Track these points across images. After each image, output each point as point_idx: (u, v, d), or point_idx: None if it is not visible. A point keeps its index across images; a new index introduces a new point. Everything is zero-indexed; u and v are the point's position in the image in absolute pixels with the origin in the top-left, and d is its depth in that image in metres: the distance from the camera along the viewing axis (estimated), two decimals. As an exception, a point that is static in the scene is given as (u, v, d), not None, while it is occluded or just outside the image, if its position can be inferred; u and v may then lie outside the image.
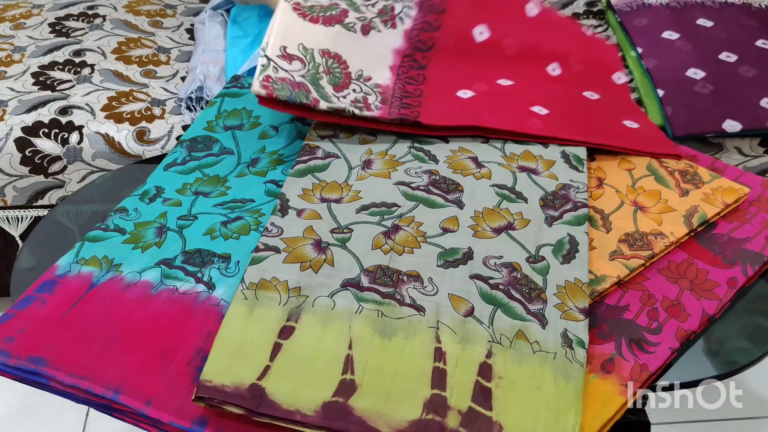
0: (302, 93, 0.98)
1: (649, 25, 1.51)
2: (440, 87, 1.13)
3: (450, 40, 1.21)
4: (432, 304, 0.79)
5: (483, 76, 1.18)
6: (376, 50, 1.13)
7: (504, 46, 1.22)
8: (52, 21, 1.62)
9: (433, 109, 1.07)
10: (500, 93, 1.15)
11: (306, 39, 1.06)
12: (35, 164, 1.35)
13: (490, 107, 1.09)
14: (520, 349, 0.76)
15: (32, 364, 0.75)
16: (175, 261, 0.86)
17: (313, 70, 1.02)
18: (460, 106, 1.10)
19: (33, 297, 0.82)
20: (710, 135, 1.35)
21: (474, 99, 1.12)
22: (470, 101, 1.11)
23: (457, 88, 1.14)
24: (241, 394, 0.69)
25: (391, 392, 0.70)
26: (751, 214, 0.97)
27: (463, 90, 1.14)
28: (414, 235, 0.87)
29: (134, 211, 0.95)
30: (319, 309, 0.78)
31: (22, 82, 1.43)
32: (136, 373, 0.74)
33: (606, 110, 1.16)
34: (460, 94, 1.13)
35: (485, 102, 1.11)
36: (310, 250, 0.84)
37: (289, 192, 0.93)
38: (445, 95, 1.12)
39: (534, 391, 0.72)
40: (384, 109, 1.04)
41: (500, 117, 1.06)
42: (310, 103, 0.98)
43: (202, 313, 0.80)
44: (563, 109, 1.12)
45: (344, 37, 1.10)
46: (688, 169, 1.02)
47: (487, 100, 1.12)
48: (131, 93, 1.43)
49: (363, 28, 1.14)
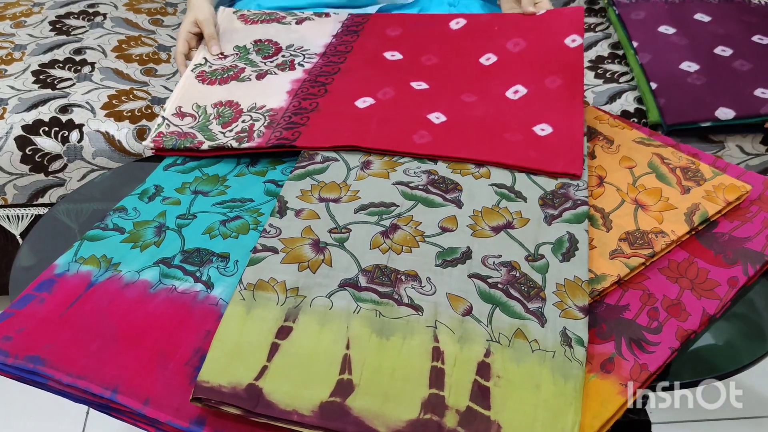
0: (188, 140, 1.06)
1: (646, 18, 1.51)
2: (339, 98, 1.10)
3: (360, 58, 1.20)
4: (430, 303, 0.79)
5: (395, 80, 1.14)
6: (273, 84, 1.16)
7: (423, 59, 1.19)
8: (53, 19, 1.62)
9: (317, 127, 1.04)
10: (403, 100, 1.10)
11: (200, 98, 1.14)
12: (35, 162, 1.35)
13: (381, 120, 1.06)
14: (518, 348, 0.75)
15: (30, 364, 0.75)
16: (173, 260, 0.86)
17: (203, 120, 1.10)
18: (350, 120, 1.06)
19: (31, 296, 0.82)
20: (704, 124, 1.34)
21: (369, 109, 1.08)
22: (364, 112, 1.08)
23: (357, 97, 1.11)
24: (239, 395, 0.69)
25: (388, 392, 0.70)
26: (752, 213, 0.96)
27: (363, 98, 1.10)
28: (412, 234, 0.87)
29: (133, 210, 0.95)
30: (316, 309, 0.77)
31: (23, 80, 1.43)
32: (134, 372, 0.74)
33: (520, 114, 1.08)
34: (358, 103, 1.10)
35: (379, 113, 1.07)
36: (308, 250, 0.84)
37: (288, 194, 0.93)
38: (340, 106, 1.09)
39: (533, 390, 0.72)
40: (266, 135, 1.04)
41: (385, 134, 1.03)
42: (194, 146, 1.05)
43: (201, 312, 0.80)
44: (463, 116, 1.07)
45: (239, 87, 1.16)
46: (690, 166, 1.01)
47: (382, 111, 1.08)
48: (131, 91, 1.43)
49: (258, 76, 1.18)
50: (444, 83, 1.13)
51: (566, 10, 1.21)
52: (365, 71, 1.17)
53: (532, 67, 1.13)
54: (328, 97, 1.11)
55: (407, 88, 1.12)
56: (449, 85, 1.13)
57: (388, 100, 1.10)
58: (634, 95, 1.41)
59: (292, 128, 1.04)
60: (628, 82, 1.44)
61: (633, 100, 1.40)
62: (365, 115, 1.07)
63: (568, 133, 1.03)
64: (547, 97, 1.09)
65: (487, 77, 1.14)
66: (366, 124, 1.05)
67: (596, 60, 1.52)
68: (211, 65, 1.21)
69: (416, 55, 1.19)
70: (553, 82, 1.11)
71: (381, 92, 1.11)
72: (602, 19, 1.65)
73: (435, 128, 1.04)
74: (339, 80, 1.15)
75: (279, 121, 1.07)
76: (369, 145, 1.01)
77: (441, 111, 1.07)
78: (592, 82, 1.46)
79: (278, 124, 1.06)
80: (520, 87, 1.11)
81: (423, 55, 1.19)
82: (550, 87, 1.11)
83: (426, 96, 1.11)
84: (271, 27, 1.28)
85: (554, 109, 1.07)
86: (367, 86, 1.13)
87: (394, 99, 1.10)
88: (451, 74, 1.15)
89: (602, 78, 1.47)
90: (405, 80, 1.14)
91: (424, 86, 1.13)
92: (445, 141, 1.02)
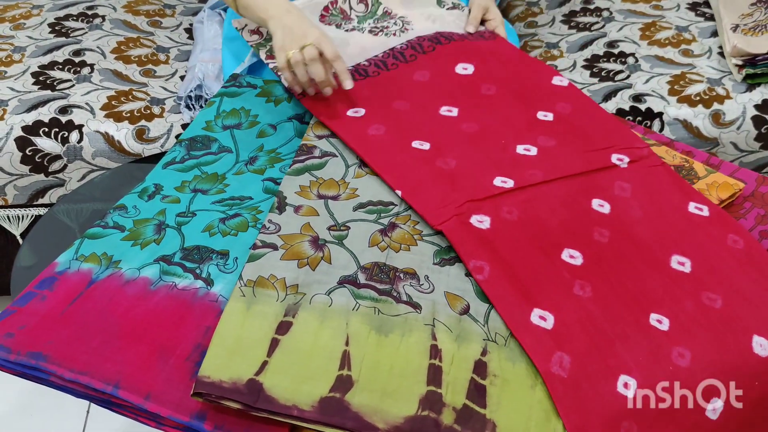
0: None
1: None
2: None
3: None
4: (428, 301, 0.80)
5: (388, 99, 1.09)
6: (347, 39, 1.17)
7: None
8: (52, 21, 1.63)
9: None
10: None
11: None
12: (35, 163, 1.36)
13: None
14: (514, 348, 0.76)
15: (32, 360, 0.76)
16: (173, 257, 0.87)
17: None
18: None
19: (33, 293, 0.83)
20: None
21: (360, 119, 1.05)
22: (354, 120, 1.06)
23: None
24: (239, 390, 0.70)
25: (387, 388, 0.71)
26: (745, 209, 0.98)
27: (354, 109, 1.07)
28: (410, 233, 0.88)
29: (133, 209, 0.95)
30: (316, 306, 0.78)
31: (22, 81, 1.43)
32: (135, 368, 0.75)
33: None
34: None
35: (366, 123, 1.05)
36: (307, 247, 0.85)
37: (287, 190, 0.93)
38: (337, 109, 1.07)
39: (527, 391, 0.73)
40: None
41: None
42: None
43: (201, 309, 0.81)
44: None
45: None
46: (684, 164, 1.02)
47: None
48: (131, 92, 1.43)
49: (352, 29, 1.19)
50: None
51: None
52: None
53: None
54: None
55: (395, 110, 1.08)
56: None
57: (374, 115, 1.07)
58: (629, 93, 1.42)
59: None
60: (623, 81, 1.45)
61: (628, 98, 1.41)
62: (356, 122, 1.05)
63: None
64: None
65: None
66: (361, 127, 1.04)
67: (591, 59, 1.53)
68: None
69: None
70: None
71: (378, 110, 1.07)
72: (597, 18, 1.66)
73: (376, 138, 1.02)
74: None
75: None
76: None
77: (422, 139, 1.01)
78: (588, 81, 1.47)
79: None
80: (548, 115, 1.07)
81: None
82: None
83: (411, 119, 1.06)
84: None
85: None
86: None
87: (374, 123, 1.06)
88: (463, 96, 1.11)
89: (598, 77, 1.48)
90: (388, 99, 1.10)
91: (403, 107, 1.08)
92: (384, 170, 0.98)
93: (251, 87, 1.18)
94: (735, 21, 1.49)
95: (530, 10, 1.76)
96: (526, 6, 1.78)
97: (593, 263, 0.84)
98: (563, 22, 1.68)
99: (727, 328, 0.79)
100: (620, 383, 0.74)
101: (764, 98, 1.39)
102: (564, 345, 0.76)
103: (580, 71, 1.50)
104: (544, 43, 1.62)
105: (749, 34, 1.42)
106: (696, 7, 1.67)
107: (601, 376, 0.74)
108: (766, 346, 0.79)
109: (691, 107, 1.39)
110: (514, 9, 1.79)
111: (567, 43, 1.60)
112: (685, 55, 1.51)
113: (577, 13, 1.70)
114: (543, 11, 1.75)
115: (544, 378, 0.73)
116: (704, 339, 0.78)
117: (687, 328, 0.79)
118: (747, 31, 1.44)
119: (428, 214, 0.88)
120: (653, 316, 0.80)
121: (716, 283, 0.84)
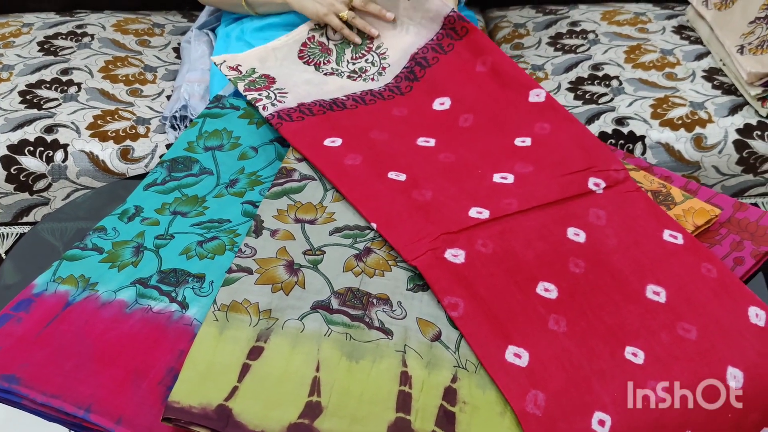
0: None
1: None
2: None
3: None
4: (400, 327, 0.80)
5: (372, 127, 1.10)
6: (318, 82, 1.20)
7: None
8: (41, 39, 1.64)
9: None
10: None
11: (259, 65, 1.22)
12: (20, 182, 1.36)
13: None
14: (484, 375, 0.77)
15: (5, 383, 0.76)
16: (150, 280, 0.87)
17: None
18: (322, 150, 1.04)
19: (9, 315, 0.83)
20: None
21: (337, 149, 1.05)
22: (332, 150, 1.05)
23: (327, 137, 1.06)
24: (208, 416, 0.70)
25: (356, 415, 0.71)
26: (721, 235, 0.98)
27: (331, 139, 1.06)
28: (385, 258, 0.88)
29: (113, 230, 0.96)
30: (288, 331, 0.79)
31: (9, 100, 1.44)
32: (108, 391, 0.75)
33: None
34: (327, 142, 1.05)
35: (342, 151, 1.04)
36: (282, 271, 0.85)
37: (264, 213, 0.94)
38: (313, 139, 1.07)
39: (497, 418, 0.73)
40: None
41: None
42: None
43: (175, 332, 0.81)
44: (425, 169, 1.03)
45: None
46: (662, 190, 1.03)
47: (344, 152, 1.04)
48: (116, 111, 1.44)
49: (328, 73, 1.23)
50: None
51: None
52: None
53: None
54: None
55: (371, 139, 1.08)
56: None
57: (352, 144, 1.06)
58: (612, 116, 1.43)
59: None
60: (607, 103, 1.47)
61: (611, 122, 1.42)
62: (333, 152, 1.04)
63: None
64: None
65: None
66: (339, 157, 1.03)
67: (576, 81, 1.54)
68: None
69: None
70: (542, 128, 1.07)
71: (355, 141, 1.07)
72: (583, 41, 1.68)
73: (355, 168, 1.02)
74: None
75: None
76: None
77: (398, 170, 1.01)
78: (572, 104, 1.48)
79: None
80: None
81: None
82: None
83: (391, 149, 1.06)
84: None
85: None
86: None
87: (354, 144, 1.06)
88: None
89: (582, 99, 1.49)
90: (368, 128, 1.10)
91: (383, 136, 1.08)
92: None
93: (234, 108, 1.18)
94: (738, 42, 1.49)
95: (517, 31, 1.78)
96: (513, 28, 1.80)
97: (568, 296, 0.85)
98: (549, 44, 1.70)
99: (703, 360, 0.80)
100: (595, 420, 0.74)
101: (746, 122, 1.40)
102: (538, 383, 0.76)
103: (565, 93, 1.52)
104: (529, 65, 1.64)
105: (758, 53, 1.42)
106: (681, 30, 1.69)
107: (576, 413, 0.74)
108: (739, 377, 0.79)
109: (673, 131, 1.40)
110: (501, 31, 1.80)
111: (552, 65, 1.62)
112: (668, 79, 1.53)
113: (563, 35, 1.72)
114: (530, 33, 1.76)
115: (519, 418, 0.73)
116: (679, 371, 0.79)
117: (662, 360, 0.80)
118: (755, 50, 1.43)
119: (403, 248, 0.88)
120: (628, 349, 0.80)
121: (691, 313, 0.84)
